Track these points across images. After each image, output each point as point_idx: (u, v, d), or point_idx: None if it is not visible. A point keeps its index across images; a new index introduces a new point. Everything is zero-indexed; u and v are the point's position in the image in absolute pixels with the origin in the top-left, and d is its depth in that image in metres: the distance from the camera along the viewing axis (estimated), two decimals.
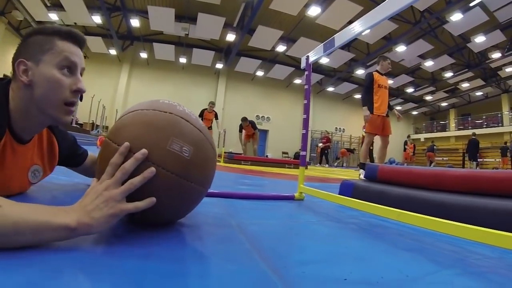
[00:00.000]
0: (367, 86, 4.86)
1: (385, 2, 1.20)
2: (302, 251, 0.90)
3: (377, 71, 5.10)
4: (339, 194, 2.03)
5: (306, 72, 1.90)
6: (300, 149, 4.23)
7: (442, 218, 1.28)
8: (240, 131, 10.70)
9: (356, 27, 1.38)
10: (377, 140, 4.98)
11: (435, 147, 18.89)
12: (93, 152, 1.50)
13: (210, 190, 1.67)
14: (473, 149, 14.90)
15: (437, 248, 0.99)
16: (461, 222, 1.20)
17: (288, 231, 1.12)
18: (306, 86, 1.89)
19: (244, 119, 10.49)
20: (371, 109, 4.76)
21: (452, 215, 1.25)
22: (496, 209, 1.15)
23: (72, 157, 1.44)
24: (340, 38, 1.52)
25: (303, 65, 1.90)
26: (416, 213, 1.40)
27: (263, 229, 1.10)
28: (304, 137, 1.91)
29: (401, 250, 0.95)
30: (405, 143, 17.60)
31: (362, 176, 4.70)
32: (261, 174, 4.54)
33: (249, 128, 10.47)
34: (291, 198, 1.78)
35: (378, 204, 1.67)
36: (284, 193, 1.88)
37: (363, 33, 1.36)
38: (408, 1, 1.11)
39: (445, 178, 1.56)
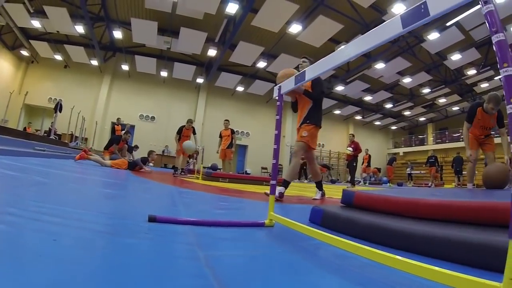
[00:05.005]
0: (324, 92, 4.53)
1: (355, 41, 1.24)
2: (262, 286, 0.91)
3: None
4: (309, 220, 2.06)
5: (277, 103, 1.94)
6: (280, 165, 4.19)
7: (410, 249, 1.34)
8: (220, 136, 10.82)
9: (329, 62, 1.41)
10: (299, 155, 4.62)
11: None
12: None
13: (185, 218, 1.70)
14: (457, 165, 15.62)
15: (396, 284, 1.01)
16: (429, 254, 1.26)
17: (251, 263, 1.13)
18: (277, 117, 1.93)
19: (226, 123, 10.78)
20: (318, 122, 4.29)
21: (419, 246, 1.30)
22: (464, 242, 1.19)
23: None
24: (311, 73, 1.57)
25: (275, 95, 1.94)
26: (384, 242, 1.46)
27: (230, 261, 1.11)
28: (274, 167, 1.94)
29: (359, 286, 0.97)
30: (393, 161, 18.17)
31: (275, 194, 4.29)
32: (238, 194, 4.51)
33: (228, 132, 10.62)
34: (261, 225, 1.81)
35: (346, 232, 1.73)
36: (259, 217, 1.91)
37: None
38: (371, 44, 1.15)
39: (419, 206, 1.62)
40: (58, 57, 18.38)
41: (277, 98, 1.95)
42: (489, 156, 5.49)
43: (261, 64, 17.35)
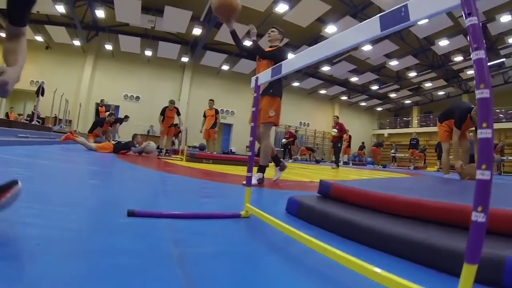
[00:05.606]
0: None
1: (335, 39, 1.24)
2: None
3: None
4: (286, 210, 2.09)
5: (254, 94, 1.93)
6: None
7: (379, 247, 1.37)
8: (204, 116, 11.00)
9: (305, 58, 1.41)
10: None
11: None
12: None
13: (163, 211, 1.71)
14: (441, 150, 15.89)
15: (366, 286, 1.00)
16: (396, 253, 1.29)
17: (223, 261, 1.15)
18: (253, 109, 1.92)
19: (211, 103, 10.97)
20: (281, 93, 4.12)
21: (388, 246, 1.33)
22: (429, 245, 1.21)
23: None
24: (287, 67, 1.57)
25: (252, 85, 1.92)
26: (355, 238, 1.49)
27: (203, 259, 1.12)
28: (250, 159, 1.96)
29: None
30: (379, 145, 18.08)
31: (254, 181, 3.77)
32: (221, 178, 4.54)
33: (212, 112, 10.79)
34: (237, 216, 1.84)
35: (321, 225, 1.76)
36: (238, 205, 1.93)
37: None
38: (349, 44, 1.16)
39: (393, 203, 1.66)
40: (39, 38, 17.79)
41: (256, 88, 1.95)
42: (464, 144, 5.70)
43: (247, 43, 17.11)
